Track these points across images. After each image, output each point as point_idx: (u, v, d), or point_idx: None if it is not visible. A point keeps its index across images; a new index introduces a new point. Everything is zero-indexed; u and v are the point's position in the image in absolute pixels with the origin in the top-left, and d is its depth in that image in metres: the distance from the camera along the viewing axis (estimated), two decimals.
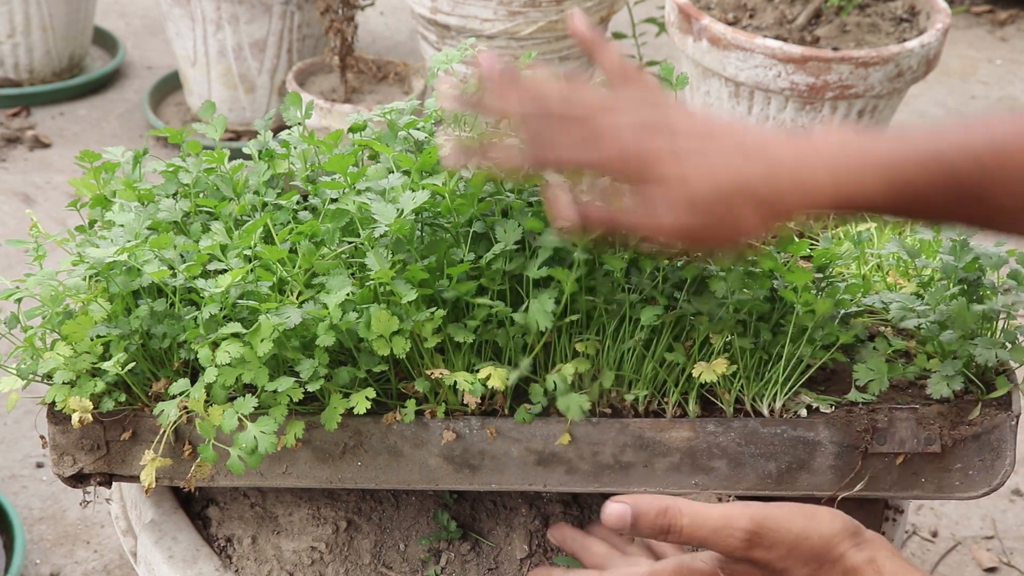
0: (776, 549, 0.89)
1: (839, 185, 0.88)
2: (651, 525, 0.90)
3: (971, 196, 0.88)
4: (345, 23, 2.88)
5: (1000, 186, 0.88)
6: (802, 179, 0.88)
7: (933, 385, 1.05)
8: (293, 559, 1.12)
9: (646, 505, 0.91)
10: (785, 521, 0.90)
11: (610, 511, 0.91)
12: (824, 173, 0.88)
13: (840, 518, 0.91)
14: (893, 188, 0.88)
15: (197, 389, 0.99)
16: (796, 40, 2.57)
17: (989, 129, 0.89)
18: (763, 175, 0.88)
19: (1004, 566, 2.05)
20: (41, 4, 3.27)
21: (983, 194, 0.88)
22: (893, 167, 0.88)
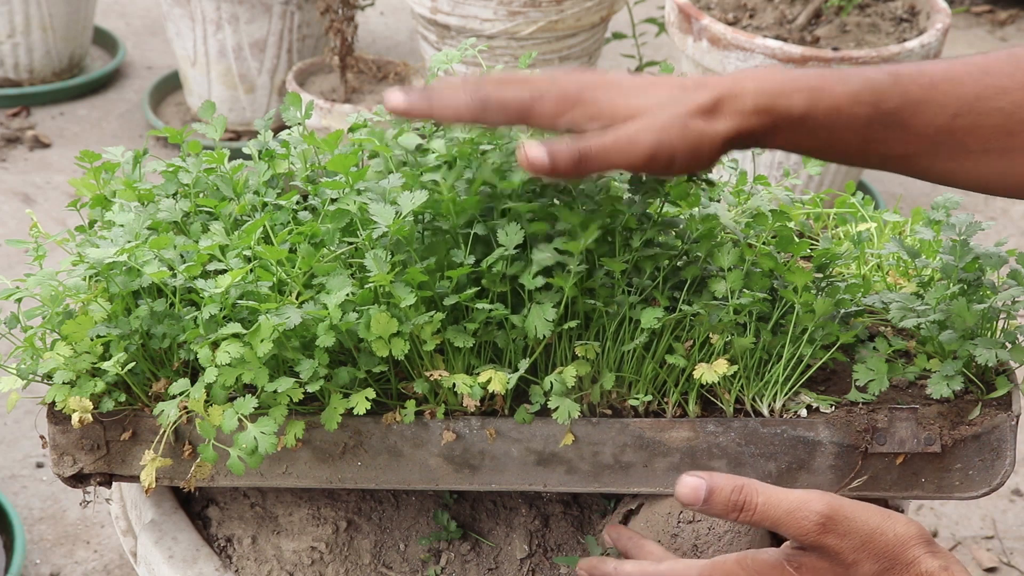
0: (849, 539, 0.89)
1: (767, 97, 0.90)
2: (725, 501, 0.91)
3: (893, 119, 0.90)
4: (345, 23, 2.88)
5: (921, 110, 0.89)
6: (739, 98, 0.90)
7: (933, 385, 1.05)
8: (293, 559, 1.12)
9: (722, 480, 0.91)
10: (862, 513, 0.90)
11: (685, 483, 0.91)
12: (753, 87, 0.90)
13: (916, 524, 0.91)
14: (817, 104, 0.90)
15: (197, 389, 0.99)
16: (796, 40, 2.57)
17: (918, 64, 0.92)
18: (706, 97, 0.90)
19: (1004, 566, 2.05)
20: (41, 4, 3.27)
21: (905, 118, 0.90)
22: (820, 87, 0.90)
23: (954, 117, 0.89)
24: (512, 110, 0.93)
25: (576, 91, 0.92)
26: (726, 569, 0.94)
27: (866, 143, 0.92)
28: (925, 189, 3.17)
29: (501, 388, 1.00)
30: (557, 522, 1.16)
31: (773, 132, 0.91)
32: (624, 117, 0.91)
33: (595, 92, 0.92)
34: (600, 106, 0.91)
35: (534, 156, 0.90)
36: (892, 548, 0.89)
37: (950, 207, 1.15)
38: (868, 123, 0.90)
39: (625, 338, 1.04)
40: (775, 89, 0.90)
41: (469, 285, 1.02)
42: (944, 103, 0.89)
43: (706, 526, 1.07)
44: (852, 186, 1.28)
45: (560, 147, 0.90)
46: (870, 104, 0.90)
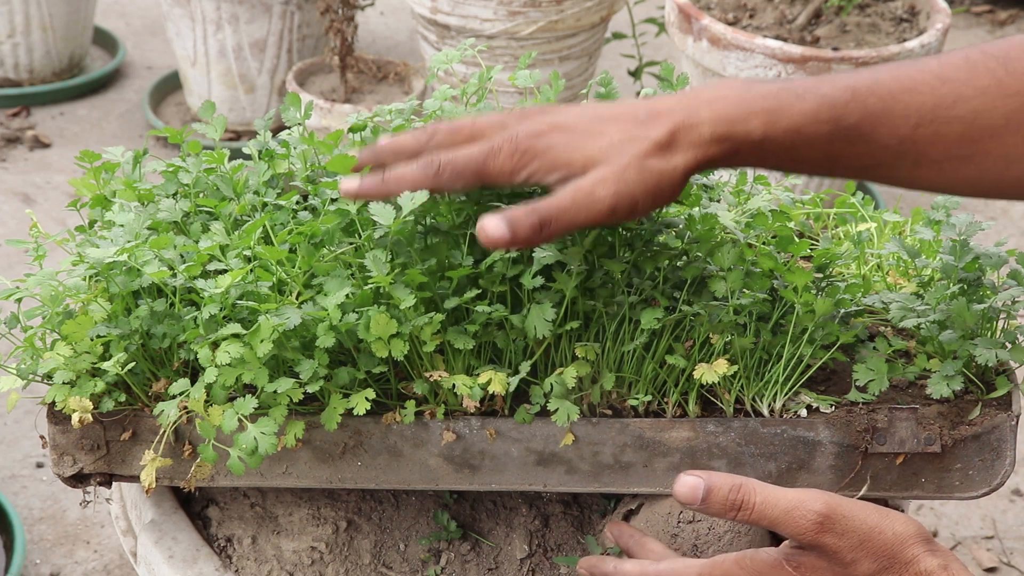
0: (848, 538, 0.89)
1: (724, 125, 0.89)
2: (723, 500, 0.90)
3: (854, 133, 0.89)
4: (345, 23, 2.88)
5: (882, 123, 0.88)
6: (695, 127, 0.89)
7: (933, 385, 1.05)
8: (293, 559, 1.12)
9: (720, 480, 0.91)
10: (860, 511, 0.90)
11: (683, 482, 0.91)
12: (708, 115, 0.89)
13: (914, 523, 0.91)
14: (776, 126, 0.89)
15: (197, 389, 0.99)
16: (796, 40, 2.57)
17: (873, 73, 0.90)
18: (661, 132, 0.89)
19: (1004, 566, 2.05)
20: (41, 4, 3.27)
21: (865, 131, 0.89)
22: (777, 108, 0.89)
23: (915, 128, 0.89)
24: (468, 173, 0.92)
25: (528, 141, 0.91)
26: (725, 568, 0.94)
27: (829, 158, 0.91)
28: None
29: (501, 389, 1.00)
30: (557, 522, 1.16)
31: (734, 156, 0.91)
32: (581, 166, 0.89)
33: (548, 139, 0.91)
34: (555, 155, 0.90)
35: (492, 231, 0.89)
36: (890, 547, 0.89)
37: (950, 207, 1.15)
38: (829, 140, 0.89)
39: (625, 338, 1.04)
40: (731, 115, 0.89)
41: (469, 286, 1.02)
42: (904, 114, 0.88)
43: (706, 526, 1.07)
44: (852, 186, 1.28)
45: (519, 217, 0.89)
46: (829, 121, 0.89)
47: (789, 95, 0.89)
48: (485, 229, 0.89)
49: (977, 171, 0.90)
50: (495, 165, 0.91)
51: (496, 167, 0.91)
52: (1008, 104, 0.86)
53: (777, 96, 0.89)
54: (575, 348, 1.03)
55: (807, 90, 0.90)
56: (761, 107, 0.89)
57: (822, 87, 0.90)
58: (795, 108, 0.89)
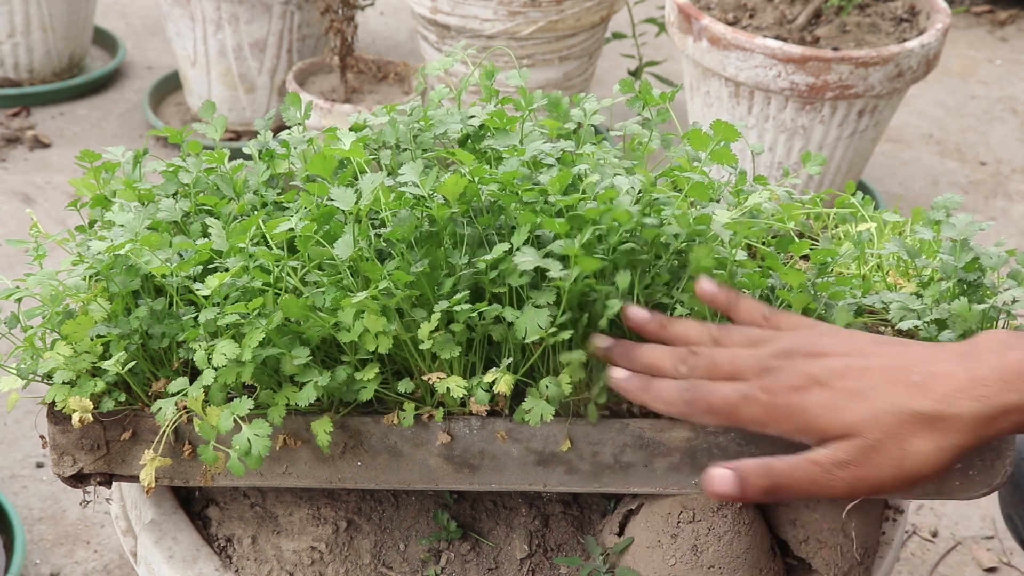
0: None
1: (1017, 393, 0.83)
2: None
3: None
4: (345, 23, 2.88)
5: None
6: (981, 399, 0.82)
7: None
8: (293, 559, 1.12)
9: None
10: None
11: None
12: (1002, 389, 0.82)
13: None
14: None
15: (195, 388, 0.99)
16: (796, 40, 2.57)
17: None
18: (935, 405, 0.83)
19: (1004, 566, 2.05)
20: (41, 4, 3.27)
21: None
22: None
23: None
24: (720, 415, 0.89)
25: (785, 397, 0.86)
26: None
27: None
28: (925, 189, 3.17)
29: (507, 389, 1.00)
30: (557, 522, 1.16)
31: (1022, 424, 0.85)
32: (836, 435, 0.84)
33: (807, 397, 0.85)
34: (811, 418, 0.85)
35: (721, 487, 0.86)
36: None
37: (950, 207, 1.15)
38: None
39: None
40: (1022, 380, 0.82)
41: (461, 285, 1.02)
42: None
43: (706, 526, 1.07)
44: (852, 186, 1.28)
45: (751, 474, 0.85)
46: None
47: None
48: (713, 481, 0.87)
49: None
50: (748, 414, 0.88)
51: (748, 416, 0.88)
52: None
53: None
54: (564, 356, 1.02)
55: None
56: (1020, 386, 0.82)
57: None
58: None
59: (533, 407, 1.02)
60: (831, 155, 2.60)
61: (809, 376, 0.86)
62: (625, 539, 1.11)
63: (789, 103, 2.48)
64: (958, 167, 3.27)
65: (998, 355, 0.84)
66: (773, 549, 1.11)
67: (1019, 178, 3.23)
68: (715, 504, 1.07)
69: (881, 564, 1.15)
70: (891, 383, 0.84)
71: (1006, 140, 3.41)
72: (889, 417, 0.82)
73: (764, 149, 1.68)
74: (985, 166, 3.28)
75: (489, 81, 1.16)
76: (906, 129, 3.44)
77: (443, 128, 1.15)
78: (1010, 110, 3.56)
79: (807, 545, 1.11)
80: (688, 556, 1.07)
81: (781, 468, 0.85)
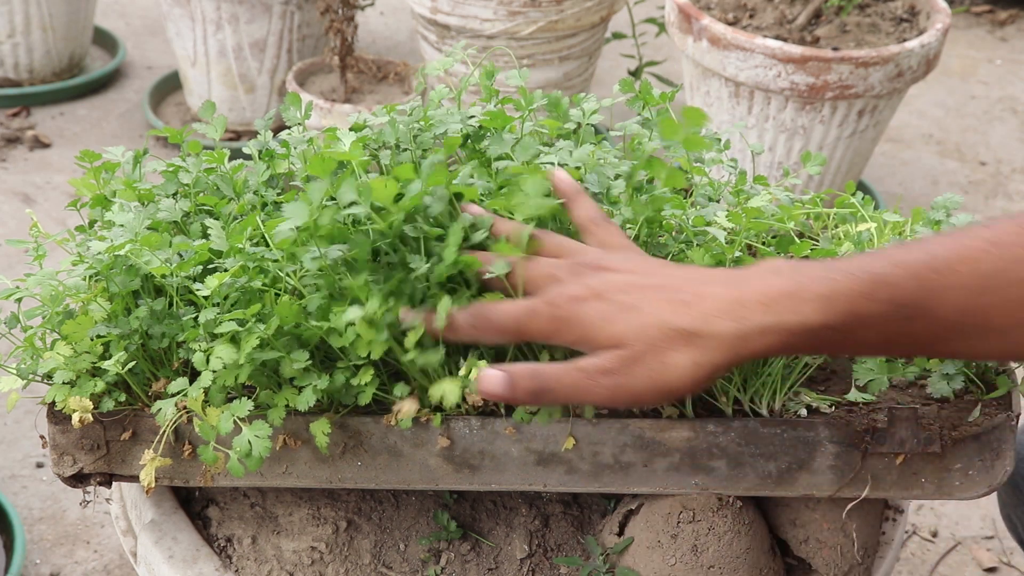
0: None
1: (776, 321, 0.86)
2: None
3: (912, 311, 0.85)
4: (345, 23, 2.88)
5: (941, 297, 0.85)
6: (737, 319, 0.86)
7: (933, 385, 1.05)
8: (293, 559, 1.12)
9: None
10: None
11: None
12: (758, 311, 0.86)
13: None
14: (834, 314, 0.85)
15: (195, 389, 0.99)
16: (796, 40, 2.57)
17: (924, 245, 0.88)
18: (695, 321, 0.87)
19: (1004, 566, 2.05)
20: (41, 4, 3.27)
21: (925, 307, 0.86)
22: (832, 293, 0.86)
23: (976, 297, 0.85)
24: (508, 332, 0.92)
25: (568, 308, 0.90)
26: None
27: (888, 339, 0.88)
28: (925, 189, 3.17)
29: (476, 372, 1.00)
30: (557, 522, 1.16)
31: (784, 346, 0.87)
32: (604, 345, 0.89)
33: (586, 308, 0.90)
34: (586, 329, 0.89)
35: (491, 387, 0.90)
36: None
37: (950, 207, 1.15)
38: (887, 319, 0.86)
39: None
40: (783, 305, 0.86)
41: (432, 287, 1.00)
42: (963, 284, 0.85)
43: (706, 526, 1.07)
44: (852, 186, 1.28)
45: (521, 377, 0.89)
46: (886, 301, 0.85)
47: (843, 276, 0.86)
48: (485, 381, 0.90)
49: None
50: (535, 327, 0.91)
51: (536, 329, 0.91)
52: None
53: (830, 279, 0.86)
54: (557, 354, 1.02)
55: (860, 269, 0.86)
56: (814, 293, 0.85)
57: (874, 265, 0.86)
58: (850, 290, 0.85)
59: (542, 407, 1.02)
60: (831, 155, 2.60)
61: (591, 289, 0.90)
62: (625, 539, 1.11)
63: (789, 103, 2.48)
64: (958, 167, 3.27)
65: (762, 280, 0.88)
66: (773, 549, 1.11)
67: (1019, 178, 3.23)
68: (715, 504, 1.07)
69: (881, 564, 1.15)
70: (661, 300, 0.88)
71: (1006, 140, 3.41)
72: (653, 330, 0.87)
73: (764, 149, 1.68)
74: (985, 166, 3.28)
75: (489, 81, 1.16)
76: (906, 129, 3.44)
77: (443, 128, 1.15)
78: (1010, 110, 3.56)
79: (807, 545, 1.11)
80: (688, 556, 1.07)
81: (549, 373, 0.89)
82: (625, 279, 0.91)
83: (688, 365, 0.87)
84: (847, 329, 0.86)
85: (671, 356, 0.87)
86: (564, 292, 0.91)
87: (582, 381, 0.89)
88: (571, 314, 0.90)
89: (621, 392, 0.88)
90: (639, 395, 0.88)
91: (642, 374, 0.87)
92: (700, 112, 0.99)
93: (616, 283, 0.91)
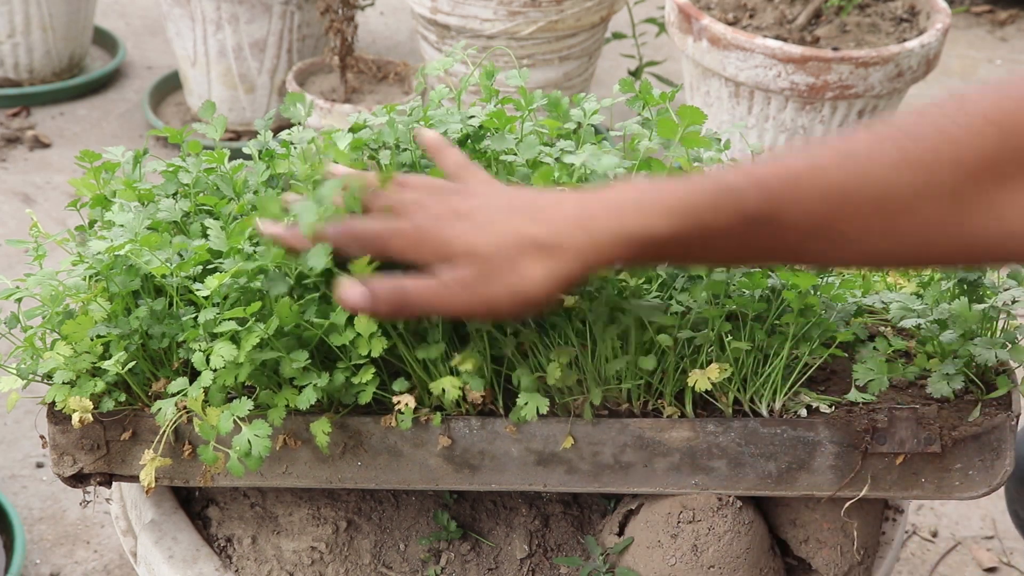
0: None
1: (623, 230, 0.87)
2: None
3: (760, 219, 0.85)
4: (345, 23, 2.88)
5: (788, 205, 0.85)
6: (587, 229, 0.88)
7: (933, 384, 1.05)
8: (293, 559, 1.12)
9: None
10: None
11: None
12: (606, 220, 0.88)
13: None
14: (681, 223, 0.86)
15: (195, 389, 0.99)
16: (796, 40, 2.57)
17: (775, 157, 0.88)
18: (546, 232, 0.89)
19: (1004, 566, 2.05)
20: (41, 4, 3.27)
21: (772, 216, 0.85)
22: (679, 204, 0.87)
23: (824, 206, 0.85)
24: (374, 248, 0.95)
25: (430, 229, 0.93)
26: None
27: (740, 246, 0.88)
28: None
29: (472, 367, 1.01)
30: (557, 522, 1.16)
31: (636, 258, 0.89)
32: (462, 258, 0.91)
33: (448, 228, 0.93)
34: (447, 247, 0.92)
35: (352, 299, 0.93)
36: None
37: None
38: (736, 229, 0.86)
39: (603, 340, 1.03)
40: (631, 218, 0.87)
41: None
42: (811, 194, 0.85)
43: (706, 526, 1.07)
44: None
45: (381, 292, 0.92)
46: (730, 208, 0.86)
47: (690, 189, 0.87)
48: (344, 295, 0.94)
49: (896, 245, 0.85)
50: (397, 246, 0.94)
51: (398, 248, 0.94)
52: (916, 176, 0.82)
53: (678, 191, 0.87)
54: (552, 354, 1.02)
55: (707, 180, 0.88)
56: (662, 205, 0.87)
57: (724, 177, 0.87)
58: (697, 200, 0.86)
59: (528, 401, 1.02)
60: None
61: (453, 209, 0.94)
62: (625, 539, 1.11)
63: (789, 103, 2.48)
64: None
65: (614, 193, 0.90)
66: (773, 549, 1.11)
67: None
68: (715, 504, 1.07)
69: (881, 564, 1.15)
70: (517, 215, 0.91)
71: None
72: (509, 241, 0.90)
73: (764, 149, 1.68)
74: None
75: (489, 81, 1.16)
76: None
77: (443, 128, 1.15)
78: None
79: (807, 545, 1.11)
80: (688, 556, 1.07)
81: (410, 287, 0.92)
82: (485, 201, 0.94)
83: (543, 275, 0.89)
84: (695, 239, 0.87)
85: (526, 267, 0.89)
86: (428, 212, 0.94)
87: (441, 292, 0.91)
88: (432, 231, 0.93)
89: (478, 302, 0.91)
90: (496, 305, 0.91)
91: (499, 285, 0.90)
92: (697, 111, 0.99)
93: (477, 205, 0.94)
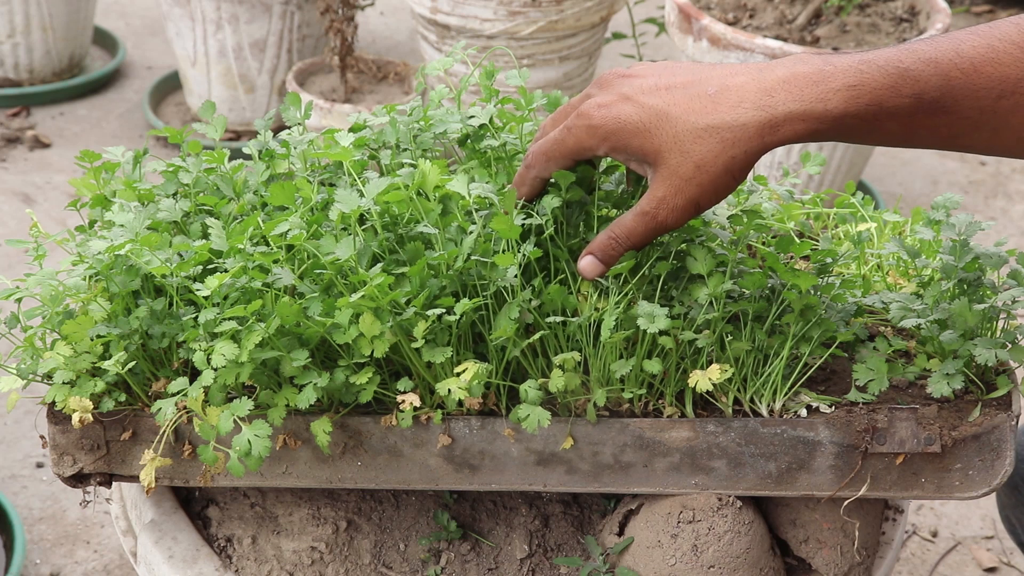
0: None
1: (801, 108, 0.90)
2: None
3: (936, 106, 0.89)
4: (345, 23, 2.88)
5: (964, 96, 0.89)
6: (765, 108, 0.90)
7: (933, 384, 1.05)
8: (293, 559, 1.12)
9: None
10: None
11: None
12: (785, 99, 0.90)
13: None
14: (857, 103, 0.89)
15: (195, 389, 0.99)
16: (796, 40, 2.57)
17: (954, 43, 0.90)
18: (724, 120, 0.91)
19: (1004, 566, 2.05)
20: (41, 4, 3.27)
21: (948, 104, 0.89)
22: (856, 83, 0.89)
23: (997, 99, 0.89)
24: (556, 156, 0.98)
25: (597, 117, 0.95)
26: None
27: (909, 131, 0.91)
28: (925, 189, 3.17)
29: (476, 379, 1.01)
30: (557, 522, 1.16)
31: (812, 133, 0.91)
32: (652, 160, 0.93)
33: (616, 113, 0.94)
34: (618, 138, 0.94)
35: (590, 271, 0.99)
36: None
37: (950, 207, 1.15)
38: (911, 113, 0.90)
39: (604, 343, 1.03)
40: (809, 93, 0.90)
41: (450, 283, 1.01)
42: (987, 86, 0.88)
43: (706, 526, 1.07)
44: (852, 186, 1.28)
45: (602, 247, 0.98)
46: (911, 96, 0.89)
47: (870, 68, 0.89)
48: (584, 271, 0.99)
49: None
50: (573, 142, 0.96)
51: (574, 144, 0.96)
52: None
53: (857, 70, 0.90)
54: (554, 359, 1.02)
55: (888, 62, 0.90)
56: (841, 83, 0.89)
57: (904, 59, 0.90)
58: (876, 82, 0.89)
59: (529, 413, 1.01)
60: (831, 155, 2.59)
61: (619, 94, 0.95)
62: (625, 539, 1.11)
63: None
64: (958, 167, 3.27)
65: (789, 69, 0.91)
66: (773, 549, 1.11)
67: (1019, 178, 3.23)
68: (715, 504, 1.07)
69: (881, 564, 1.15)
70: (689, 99, 0.92)
71: None
72: (687, 135, 0.91)
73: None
74: (985, 166, 3.28)
75: (489, 81, 1.16)
76: None
77: (443, 128, 1.15)
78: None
79: (807, 545, 1.11)
80: (688, 556, 1.07)
81: (622, 232, 0.96)
82: (651, 81, 0.95)
83: (726, 160, 0.91)
84: (871, 119, 0.90)
85: (708, 157, 0.91)
86: (594, 101, 0.96)
87: (650, 221, 0.95)
88: (603, 121, 0.94)
89: (685, 209, 0.93)
90: (699, 201, 0.93)
91: (690, 186, 0.92)
92: None
93: (642, 86, 0.94)
